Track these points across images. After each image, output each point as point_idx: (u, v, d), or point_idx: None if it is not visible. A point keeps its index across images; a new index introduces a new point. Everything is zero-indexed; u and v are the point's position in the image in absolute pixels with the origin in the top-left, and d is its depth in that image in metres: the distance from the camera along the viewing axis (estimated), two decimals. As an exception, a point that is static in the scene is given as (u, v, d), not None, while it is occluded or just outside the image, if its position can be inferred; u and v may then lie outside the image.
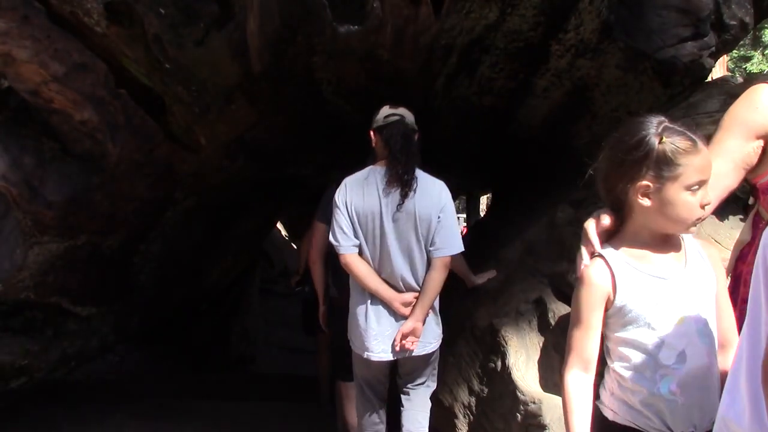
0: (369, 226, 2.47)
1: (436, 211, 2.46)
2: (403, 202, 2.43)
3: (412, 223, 2.45)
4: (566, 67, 2.99)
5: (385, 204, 2.45)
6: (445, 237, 2.47)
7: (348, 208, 2.48)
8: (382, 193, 2.45)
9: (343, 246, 2.47)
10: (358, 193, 2.49)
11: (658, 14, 2.77)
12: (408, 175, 2.43)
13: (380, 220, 2.45)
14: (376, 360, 2.49)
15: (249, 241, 5.94)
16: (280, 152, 3.51)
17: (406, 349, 2.47)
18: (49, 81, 2.35)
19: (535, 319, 2.61)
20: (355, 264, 2.47)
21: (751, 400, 1.06)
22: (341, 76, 2.85)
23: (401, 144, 2.46)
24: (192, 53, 2.36)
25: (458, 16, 2.63)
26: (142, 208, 3.11)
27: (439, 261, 2.47)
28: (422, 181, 2.48)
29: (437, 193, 2.50)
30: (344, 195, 2.50)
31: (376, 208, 2.45)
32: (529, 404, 2.31)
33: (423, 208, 2.44)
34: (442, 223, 2.47)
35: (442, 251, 2.47)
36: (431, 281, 2.48)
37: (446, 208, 2.49)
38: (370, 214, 2.46)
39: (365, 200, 2.47)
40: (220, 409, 4.26)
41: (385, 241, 2.46)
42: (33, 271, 2.85)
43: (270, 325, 7.44)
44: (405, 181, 2.43)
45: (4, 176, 2.52)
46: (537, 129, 3.50)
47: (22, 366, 3.08)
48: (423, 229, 2.46)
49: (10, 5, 2.15)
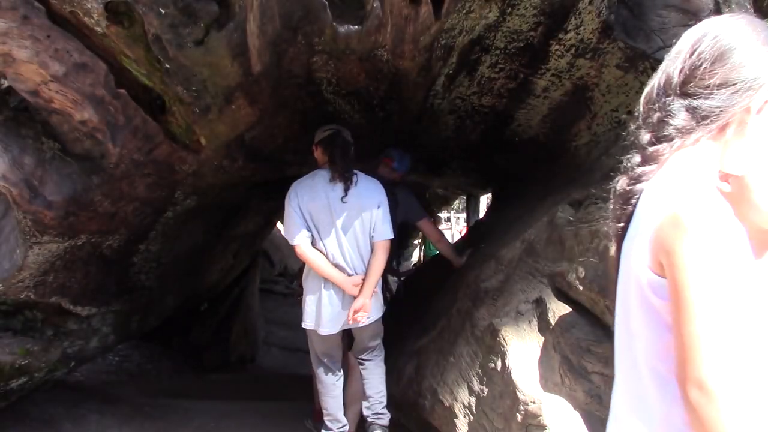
0: (320, 219, 2.89)
1: (375, 204, 2.93)
2: (345, 194, 2.87)
3: (356, 215, 2.89)
4: (566, 67, 2.99)
5: (332, 198, 2.88)
6: (384, 225, 2.96)
7: (300, 206, 2.89)
8: (327, 189, 2.90)
9: (296, 237, 2.87)
10: (307, 192, 2.91)
11: (658, 14, 2.77)
12: (347, 173, 2.89)
13: (329, 213, 2.88)
14: (328, 334, 2.96)
15: (249, 241, 5.94)
16: (280, 152, 3.51)
17: (357, 322, 2.93)
18: (49, 81, 2.35)
19: (535, 319, 2.62)
20: (310, 253, 2.89)
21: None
22: (341, 76, 2.85)
23: (340, 149, 2.94)
24: (192, 53, 2.36)
25: (458, 16, 2.62)
26: (142, 208, 3.11)
27: (380, 244, 2.96)
28: (362, 180, 2.96)
29: (375, 189, 2.99)
30: (295, 195, 2.92)
31: (324, 203, 2.88)
32: (529, 404, 2.31)
33: (365, 201, 2.91)
34: (380, 214, 2.93)
35: (382, 236, 2.96)
36: (376, 263, 2.95)
37: (383, 202, 2.98)
38: (321, 209, 2.88)
39: (314, 198, 2.89)
40: (220, 409, 4.26)
41: (335, 231, 2.89)
42: (33, 271, 2.85)
43: (270, 325, 7.44)
44: (345, 177, 2.88)
45: (4, 176, 2.52)
46: (537, 129, 3.50)
47: (22, 366, 3.08)
48: (366, 219, 2.91)
49: (10, 5, 2.14)
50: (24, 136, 2.58)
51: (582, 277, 2.42)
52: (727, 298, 1.02)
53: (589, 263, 2.41)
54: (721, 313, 1.02)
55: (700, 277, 1.03)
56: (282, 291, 9.99)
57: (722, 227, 1.03)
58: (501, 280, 3.03)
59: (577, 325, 2.35)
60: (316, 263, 2.90)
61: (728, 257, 1.02)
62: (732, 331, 1.01)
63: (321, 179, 2.93)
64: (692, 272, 1.03)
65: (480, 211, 9.14)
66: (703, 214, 1.05)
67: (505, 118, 3.51)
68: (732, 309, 1.02)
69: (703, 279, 1.03)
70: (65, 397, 3.98)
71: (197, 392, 4.87)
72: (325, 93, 3.01)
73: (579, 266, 2.46)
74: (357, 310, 2.90)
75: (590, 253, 2.44)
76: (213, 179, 3.26)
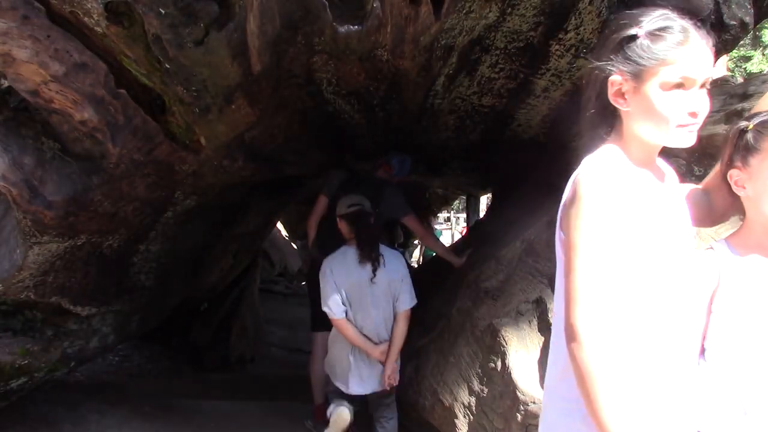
0: (353, 295, 3.23)
1: (400, 279, 3.28)
2: (374, 274, 3.21)
3: (384, 290, 3.24)
4: (566, 67, 2.99)
5: (363, 277, 3.22)
6: (407, 295, 3.28)
7: (336, 283, 3.22)
8: (359, 269, 3.23)
9: (335, 313, 3.21)
10: (341, 270, 3.25)
11: (658, 14, 2.77)
12: (374, 253, 3.24)
13: (360, 290, 3.22)
14: (354, 394, 3.27)
15: (249, 241, 5.94)
16: (280, 152, 3.51)
17: (389, 385, 3.25)
18: (49, 81, 2.35)
19: (535, 319, 2.62)
20: (344, 326, 3.22)
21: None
22: (341, 76, 2.84)
23: (366, 229, 3.28)
24: (192, 53, 2.36)
25: (458, 16, 2.62)
26: (142, 208, 3.11)
27: (403, 314, 3.27)
28: (387, 256, 3.30)
29: (398, 263, 3.36)
30: (330, 273, 3.26)
31: (356, 281, 3.22)
32: (529, 404, 2.31)
33: (392, 276, 3.26)
34: (404, 286, 3.28)
35: (405, 306, 3.27)
36: (399, 331, 3.26)
37: (405, 275, 3.33)
38: (354, 287, 3.23)
39: (347, 275, 3.23)
40: (220, 409, 4.26)
41: (366, 305, 3.23)
42: (33, 271, 2.85)
43: (270, 325, 7.44)
44: (373, 258, 3.23)
45: (4, 176, 2.52)
46: (537, 129, 3.50)
47: (22, 366, 3.08)
48: (390, 293, 3.26)
49: (10, 5, 2.14)
50: (24, 136, 2.58)
51: (582, 277, 2.41)
52: (598, 256, 1.13)
53: (589, 263, 2.40)
54: (593, 267, 1.14)
55: (580, 235, 1.16)
56: (282, 291, 9.99)
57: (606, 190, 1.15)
58: (501, 280, 3.03)
59: (577, 325, 2.35)
60: (350, 335, 3.24)
61: (604, 220, 1.14)
62: (601, 285, 1.13)
63: (352, 260, 3.27)
64: (575, 231, 1.17)
65: (480, 211, 9.14)
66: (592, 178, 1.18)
67: (505, 118, 3.51)
68: (603, 265, 1.13)
69: (582, 237, 1.16)
70: (65, 397, 3.98)
71: (197, 392, 4.86)
72: (325, 93, 3.00)
73: (579, 266, 2.45)
74: (390, 375, 3.24)
75: (590, 253, 2.43)
76: (213, 179, 3.26)
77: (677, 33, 1.15)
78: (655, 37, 1.15)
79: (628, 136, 1.24)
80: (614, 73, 1.19)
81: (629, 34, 1.17)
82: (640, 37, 1.16)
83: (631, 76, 1.17)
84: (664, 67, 1.14)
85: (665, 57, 1.14)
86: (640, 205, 1.17)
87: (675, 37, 1.15)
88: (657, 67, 1.14)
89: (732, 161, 1.29)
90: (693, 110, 1.16)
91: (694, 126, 1.17)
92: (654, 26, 1.16)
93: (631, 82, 1.17)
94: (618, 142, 1.26)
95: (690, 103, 1.16)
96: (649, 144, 1.23)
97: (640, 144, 1.23)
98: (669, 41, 1.14)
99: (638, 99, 1.17)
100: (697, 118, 1.17)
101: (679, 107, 1.15)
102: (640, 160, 1.24)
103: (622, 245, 1.15)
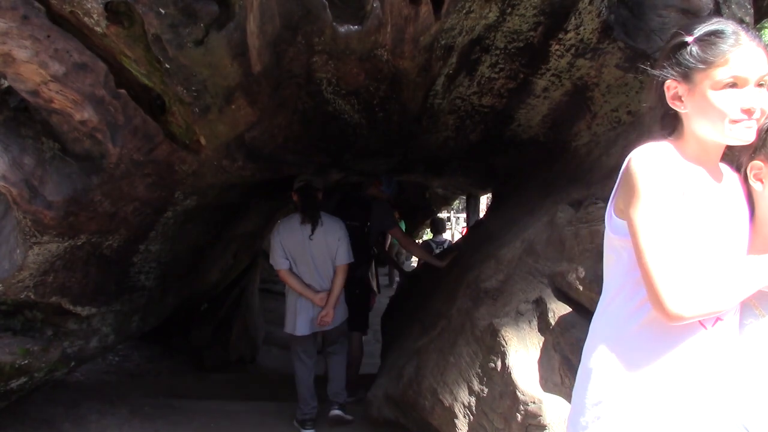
0: (296, 250, 3.96)
1: (336, 238, 3.99)
2: (312, 233, 3.92)
3: (322, 247, 3.96)
4: (566, 67, 2.99)
5: (304, 235, 3.94)
6: (344, 252, 4.01)
7: (282, 241, 3.97)
8: (301, 228, 3.95)
9: (279, 264, 3.98)
10: (286, 231, 4.01)
11: (658, 14, 2.76)
12: (314, 218, 3.93)
13: (301, 246, 3.95)
14: (301, 335, 4.02)
15: (249, 241, 5.94)
16: (280, 152, 3.50)
17: (323, 326, 3.99)
18: (49, 81, 2.35)
19: (535, 319, 2.62)
20: (287, 276, 3.98)
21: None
22: (341, 76, 2.84)
23: (307, 199, 3.97)
24: (192, 53, 2.36)
25: (458, 16, 2.62)
26: (142, 208, 3.11)
27: (341, 267, 4.02)
28: (326, 220, 4.01)
29: (337, 227, 4.04)
30: (277, 233, 4.04)
31: (298, 239, 3.95)
32: (529, 404, 2.31)
33: (329, 237, 3.98)
34: (340, 245, 3.99)
35: (341, 261, 4.01)
36: (337, 282, 4.01)
37: (342, 236, 4.03)
38: (296, 244, 3.95)
39: (291, 234, 3.98)
40: (220, 409, 4.26)
41: (306, 260, 3.97)
42: (33, 271, 2.85)
43: (270, 325, 7.43)
44: (313, 221, 3.93)
45: (4, 176, 2.52)
46: (537, 129, 3.50)
47: (22, 366, 3.08)
48: (330, 250, 3.98)
49: (10, 5, 2.14)
50: (24, 136, 2.59)
51: (582, 277, 2.42)
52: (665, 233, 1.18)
53: (589, 263, 2.41)
54: (663, 245, 1.18)
55: (644, 216, 1.21)
56: (282, 291, 9.97)
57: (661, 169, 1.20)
58: (501, 280, 3.03)
59: (577, 325, 2.35)
60: (293, 284, 3.98)
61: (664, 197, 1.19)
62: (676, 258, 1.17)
63: (296, 222, 3.99)
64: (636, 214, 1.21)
65: (480, 211, 9.14)
66: (646, 159, 1.22)
67: (505, 118, 3.51)
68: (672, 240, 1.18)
69: (646, 218, 1.20)
70: (65, 397, 3.98)
71: (197, 392, 4.87)
72: (325, 93, 3.00)
73: (579, 266, 2.46)
74: (323, 317, 3.95)
75: (590, 253, 2.44)
76: (213, 179, 3.26)
77: (727, 36, 1.23)
78: (704, 42, 1.24)
79: (688, 135, 1.30)
80: (669, 79, 1.28)
81: (680, 41, 1.27)
82: (690, 44, 1.25)
83: (683, 79, 1.26)
84: (715, 69, 1.22)
85: (714, 59, 1.22)
86: (690, 195, 1.23)
87: (725, 40, 1.22)
88: (708, 70, 1.23)
89: (756, 154, 1.31)
90: (747, 107, 1.22)
91: (750, 122, 1.23)
92: (704, 32, 1.25)
93: (684, 84, 1.26)
94: (677, 141, 1.32)
95: (744, 100, 1.22)
96: (706, 142, 1.29)
97: (697, 142, 1.29)
98: (718, 45, 1.22)
99: (693, 100, 1.25)
100: (754, 114, 1.23)
101: (732, 104, 1.22)
102: (696, 157, 1.29)
103: (680, 223, 1.21)
